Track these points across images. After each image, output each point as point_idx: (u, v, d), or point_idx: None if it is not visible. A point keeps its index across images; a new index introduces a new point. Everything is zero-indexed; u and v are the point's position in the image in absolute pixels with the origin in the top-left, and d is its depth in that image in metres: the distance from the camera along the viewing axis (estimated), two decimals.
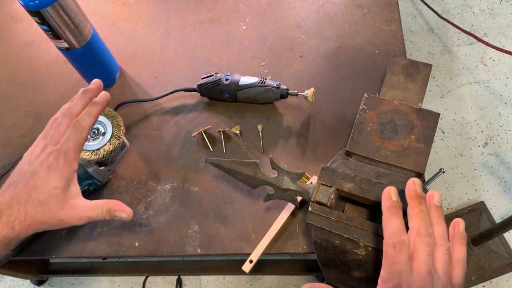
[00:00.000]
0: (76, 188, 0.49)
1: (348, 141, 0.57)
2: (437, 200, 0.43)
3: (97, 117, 0.52)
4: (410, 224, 0.42)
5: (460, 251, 0.42)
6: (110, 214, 0.49)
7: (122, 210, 0.50)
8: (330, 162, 0.58)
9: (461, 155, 1.11)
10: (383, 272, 0.41)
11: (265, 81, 0.66)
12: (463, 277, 0.41)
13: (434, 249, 0.40)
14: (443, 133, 1.14)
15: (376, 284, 0.41)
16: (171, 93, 0.70)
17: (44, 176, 0.46)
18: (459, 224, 0.43)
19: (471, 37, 1.18)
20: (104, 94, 0.54)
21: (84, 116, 0.50)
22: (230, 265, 0.84)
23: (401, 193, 0.44)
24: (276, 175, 0.55)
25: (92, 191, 0.63)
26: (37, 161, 0.47)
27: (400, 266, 0.39)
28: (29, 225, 0.46)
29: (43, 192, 0.46)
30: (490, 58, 1.25)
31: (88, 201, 0.49)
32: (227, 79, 0.66)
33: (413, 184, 0.43)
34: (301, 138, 0.66)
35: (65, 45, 0.62)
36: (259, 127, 0.66)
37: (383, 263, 0.41)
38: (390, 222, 0.42)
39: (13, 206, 0.45)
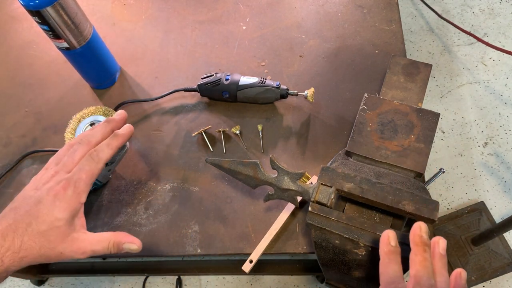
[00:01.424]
0: (81, 221, 0.46)
1: (348, 141, 0.57)
2: (442, 248, 0.41)
3: (116, 151, 0.49)
4: (411, 272, 0.39)
5: None
6: (119, 247, 0.46)
7: (132, 242, 0.47)
8: (330, 162, 0.58)
9: (461, 155, 1.11)
10: None
11: (265, 81, 0.66)
12: None
13: None
14: (443, 133, 1.14)
15: (376, 284, 0.41)
16: (171, 93, 0.70)
17: (49, 205, 0.43)
18: (461, 275, 0.40)
19: (471, 37, 1.18)
20: (128, 127, 0.51)
21: (103, 147, 0.48)
22: (230, 265, 0.84)
23: (403, 237, 0.43)
24: (276, 175, 0.55)
25: (92, 191, 0.63)
26: (44, 187, 0.44)
27: None
28: (23, 258, 0.42)
29: (44, 222, 0.43)
30: (490, 58, 1.25)
31: (93, 234, 0.46)
32: (227, 79, 0.66)
33: (419, 230, 0.41)
34: (301, 138, 0.66)
35: (65, 45, 0.62)
36: (259, 127, 0.66)
37: None
38: (388, 269, 0.40)
39: (8, 236, 0.41)
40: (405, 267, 0.41)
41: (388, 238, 0.42)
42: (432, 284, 0.38)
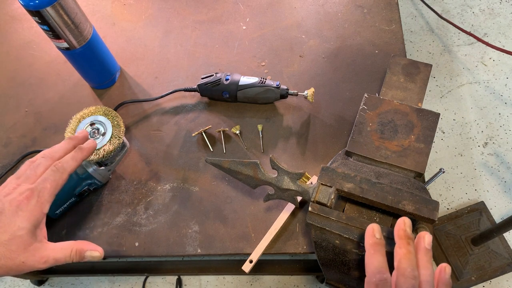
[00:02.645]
0: (42, 232, 0.46)
1: (348, 141, 0.57)
2: (427, 243, 0.42)
3: (80, 163, 0.50)
4: (396, 264, 0.41)
5: None
6: (80, 255, 0.47)
7: (94, 249, 0.48)
8: (330, 162, 0.58)
9: (461, 155, 1.11)
10: None
11: (265, 81, 0.66)
12: None
13: None
14: (443, 133, 1.14)
15: None
16: (171, 93, 0.70)
17: (10, 215, 0.43)
18: (445, 270, 0.41)
19: (471, 37, 1.18)
20: (92, 142, 0.53)
21: (68, 159, 0.49)
22: (230, 265, 0.84)
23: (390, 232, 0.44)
24: (276, 175, 0.55)
25: (92, 191, 0.63)
26: (5, 199, 0.44)
27: None
28: None
29: (6, 232, 0.43)
30: (490, 58, 1.25)
31: (54, 243, 0.46)
32: (227, 79, 0.66)
33: (403, 224, 0.42)
34: (301, 138, 0.66)
35: (65, 45, 0.62)
36: (259, 127, 0.66)
37: None
38: (373, 260, 0.41)
39: None
40: (391, 263, 0.42)
41: (373, 231, 0.43)
42: (415, 276, 0.39)
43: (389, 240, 0.44)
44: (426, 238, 0.42)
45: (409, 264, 0.40)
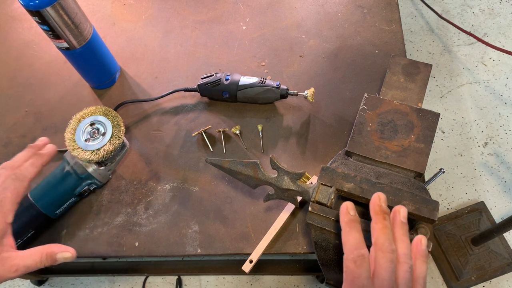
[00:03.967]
0: (9, 241, 0.46)
1: (348, 141, 0.57)
2: (403, 216, 0.42)
3: (41, 169, 0.50)
4: (373, 239, 0.41)
5: (421, 268, 0.41)
6: (52, 259, 0.47)
7: (65, 251, 0.48)
8: (330, 162, 0.58)
9: (461, 155, 1.11)
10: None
11: (265, 81, 0.66)
12: None
13: (396, 266, 0.39)
14: (443, 133, 1.14)
15: None
16: (171, 93, 0.70)
17: None
18: (421, 241, 0.42)
19: (471, 37, 1.18)
20: (51, 146, 0.52)
21: (27, 166, 0.49)
22: (230, 265, 0.84)
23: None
24: (276, 175, 0.55)
25: (92, 191, 0.63)
26: None
27: (361, 282, 0.38)
28: None
29: None
30: (490, 58, 1.25)
31: (23, 251, 0.46)
32: (227, 79, 0.66)
33: (378, 199, 0.43)
34: (301, 138, 0.66)
35: (65, 45, 0.62)
36: (259, 127, 0.66)
37: (344, 279, 0.40)
38: (349, 237, 0.41)
39: None
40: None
41: (347, 209, 0.43)
42: (393, 249, 0.40)
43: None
44: (401, 211, 0.43)
45: (386, 239, 0.40)
